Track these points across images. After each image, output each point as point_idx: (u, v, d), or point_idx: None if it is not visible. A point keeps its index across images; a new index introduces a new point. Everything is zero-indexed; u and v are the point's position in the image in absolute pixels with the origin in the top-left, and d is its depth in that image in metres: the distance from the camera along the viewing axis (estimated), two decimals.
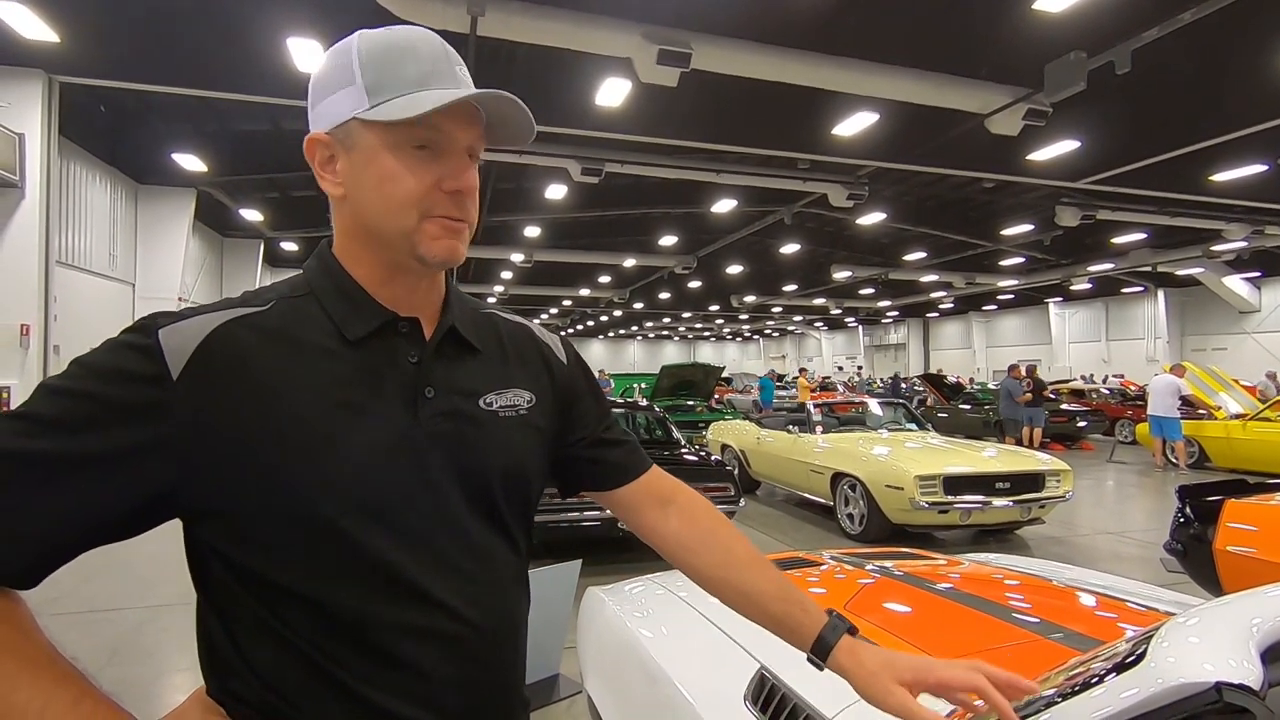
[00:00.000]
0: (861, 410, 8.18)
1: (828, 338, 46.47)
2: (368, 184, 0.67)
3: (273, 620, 0.63)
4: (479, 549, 0.70)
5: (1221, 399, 10.70)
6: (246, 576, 0.63)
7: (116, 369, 0.60)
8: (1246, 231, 17.40)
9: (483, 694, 0.69)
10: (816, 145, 11.94)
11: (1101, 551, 5.64)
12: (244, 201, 16.92)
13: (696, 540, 0.86)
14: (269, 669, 0.63)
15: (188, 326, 0.63)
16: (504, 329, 0.80)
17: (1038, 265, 23.37)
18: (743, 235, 19.08)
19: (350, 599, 0.63)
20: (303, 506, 0.62)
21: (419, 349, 0.70)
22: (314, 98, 0.69)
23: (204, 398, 0.60)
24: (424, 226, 0.67)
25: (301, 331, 0.66)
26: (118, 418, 0.58)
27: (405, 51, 0.67)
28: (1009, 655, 1.28)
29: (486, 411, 0.72)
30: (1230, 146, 11.51)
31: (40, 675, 0.57)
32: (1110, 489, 9.00)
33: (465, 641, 0.67)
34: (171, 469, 0.60)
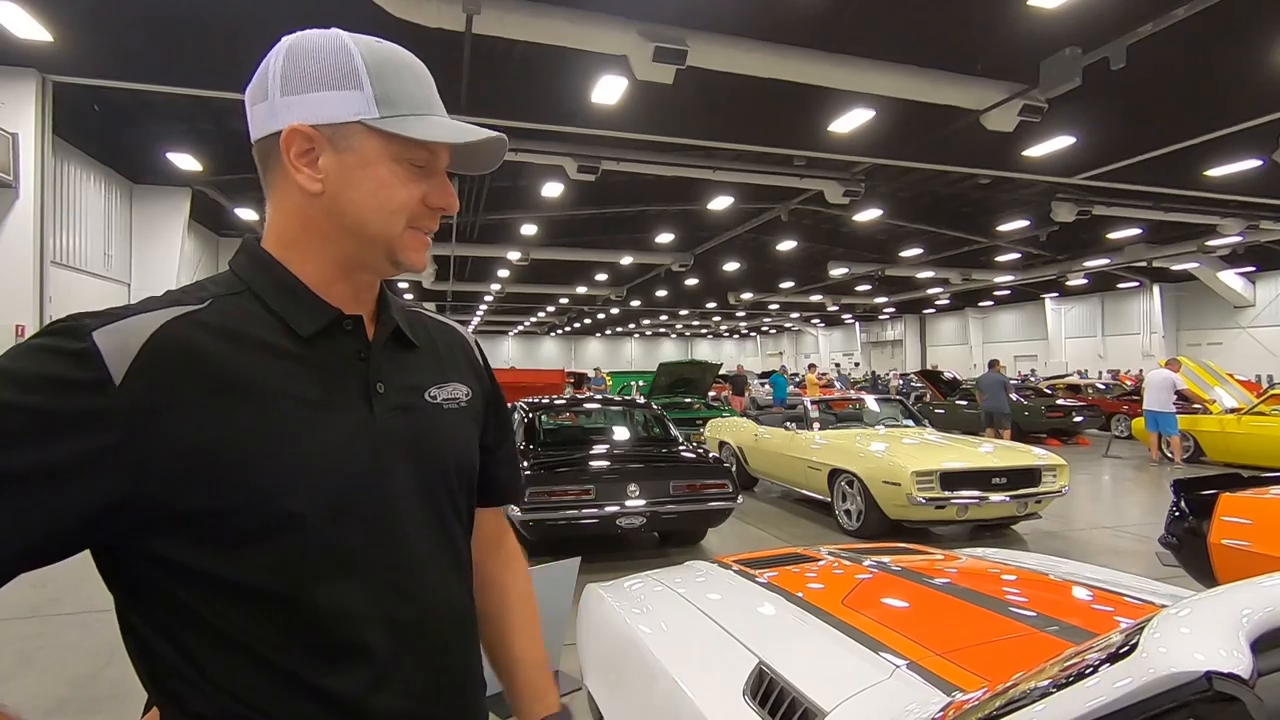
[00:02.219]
0: (859, 407, 8.20)
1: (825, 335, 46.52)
2: (363, 186, 0.67)
3: (229, 627, 0.61)
4: (436, 535, 0.72)
5: (1216, 393, 10.74)
6: (201, 584, 0.60)
7: (47, 376, 0.55)
8: (1241, 226, 17.46)
9: (444, 675, 0.71)
10: (812, 142, 11.94)
11: (1098, 546, 5.67)
12: (239, 200, 16.86)
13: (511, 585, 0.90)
14: (228, 679, 0.61)
15: (126, 327, 0.59)
16: (432, 327, 0.82)
17: (1034, 261, 23.42)
18: (739, 232, 19.08)
19: (318, 593, 0.63)
20: (270, 504, 0.61)
21: (365, 346, 0.71)
22: (286, 87, 0.66)
23: (155, 401, 0.57)
24: (406, 236, 0.69)
25: (248, 329, 0.65)
26: (54, 430, 0.54)
27: (406, 69, 0.69)
28: (1005, 649, 1.30)
29: (432, 404, 0.75)
30: (1225, 142, 11.54)
31: None
32: (1106, 484, 9.04)
33: (425, 626, 0.68)
34: (121, 480, 0.56)
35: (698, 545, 5.55)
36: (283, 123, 0.66)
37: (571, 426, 6.82)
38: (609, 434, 6.33)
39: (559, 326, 46.38)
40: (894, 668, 1.21)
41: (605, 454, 5.40)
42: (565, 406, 6.87)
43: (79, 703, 2.91)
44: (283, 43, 0.69)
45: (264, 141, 0.69)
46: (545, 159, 11.65)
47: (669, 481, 4.95)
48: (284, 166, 0.67)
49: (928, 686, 1.14)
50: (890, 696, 1.12)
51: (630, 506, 4.87)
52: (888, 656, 1.26)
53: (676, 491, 4.94)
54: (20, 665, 3.30)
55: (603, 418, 7.10)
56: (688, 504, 4.97)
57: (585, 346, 50.27)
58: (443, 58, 8.88)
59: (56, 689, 3.04)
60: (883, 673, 1.20)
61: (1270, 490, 3.12)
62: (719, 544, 5.56)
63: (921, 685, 1.15)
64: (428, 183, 0.70)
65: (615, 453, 5.49)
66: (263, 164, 0.71)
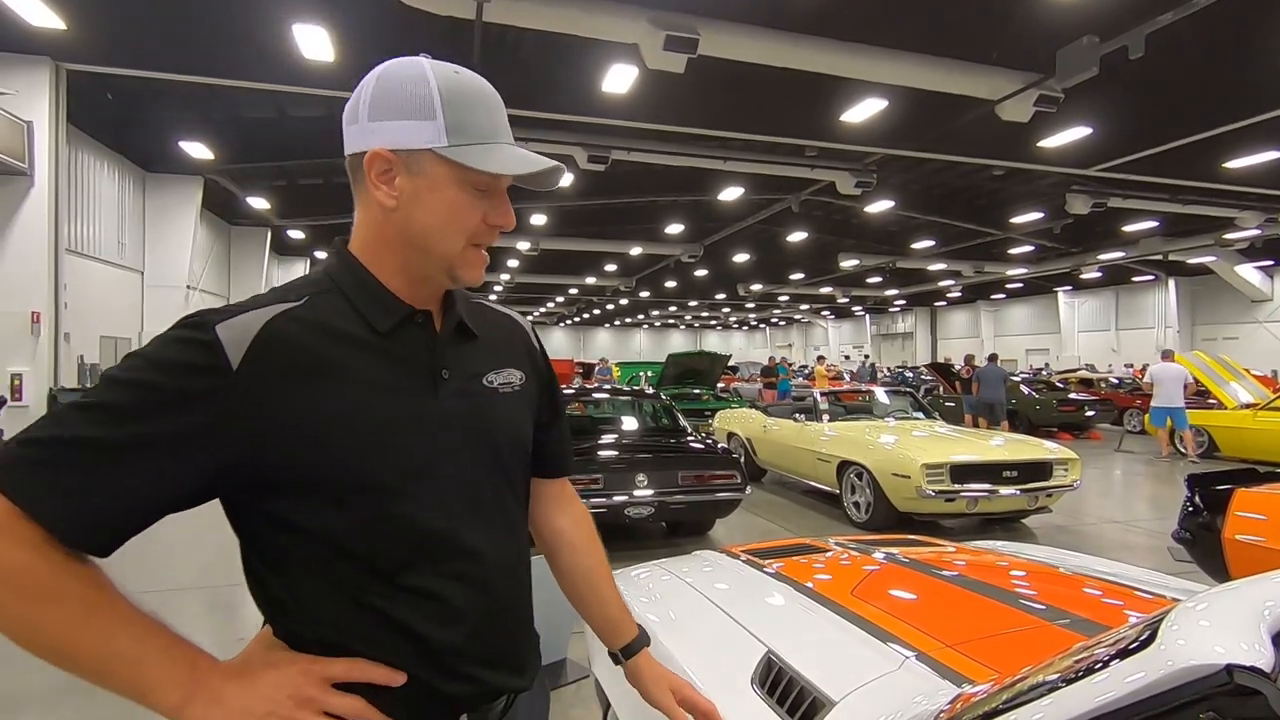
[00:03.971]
0: (868, 399, 8.16)
1: (835, 327, 46.30)
2: (431, 207, 0.77)
3: (324, 569, 0.74)
4: (491, 502, 0.83)
5: (1232, 388, 10.62)
6: (300, 534, 0.73)
7: (180, 362, 0.68)
8: (1260, 219, 17.19)
9: (501, 619, 0.83)
10: (824, 132, 11.83)
11: (1109, 540, 5.63)
12: (251, 189, 16.92)
13: (579, 542, 1.03)
14: (323, 610, 0.75)
15: (241, 322, 0.72)
16: (492, 318, 0.93)
17: (1047, 254, 23.16)
18: (750, 223, 18.98)
19: (391, 546, 0.75)
20: (352, 472, 0.73)
21: (432, 338, 0.82)
22: (373, 113, 0.76)
23: (263, 384, 0.70)
24: (467, 253, 0.80)
25: (336, 323, 0.76)
26: (184, 405, 0.67)
27: (478, 100, 0.78)
28: (1015, 641, 1.29)
29: (489, 388, 0.85)
30: (1245, 133, 11.34)
31: (133, 628, 0.67)
32: (1118, 478, 8.97)
33: (482, 575, 0.80)
34: (234, 445, 0.69)
35: (705, 536, 5.55)
36: (368, 145, 0.77)
37: (579, 416, 6.83)
38: (617, 424, 6.33)
39: (568, 317, 46.41)
40: (903, 658, 1.20)
41: (613, 444, 5.40)
42: (574, 396, 6.88)
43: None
44: (375, 71, 0.79)
45: (354, 158, 0.80)
46: (555, 148, 11.60)
47: (677, 472, 4.95)
48: (367, 181, 0.78)
49: (937, 678, 1.14)
50: (899, 687, 1.12)
51: (638, 496, 4.88)
52: (897, 647, 1.25)
53: (684, 482, 4.94)
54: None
55: (611, 408, 7.10)
56: (696, 494, 4.96)
57: (594, 337, 50.26)
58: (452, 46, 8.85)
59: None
60: (892, 663, 1.19)
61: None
62: (726, 535, 5.57)
63: (930, 676, 1.14)
64: (488, 202, 0.79)
65: (623, 443, 5.49)
66: (353, 175, 0.82)
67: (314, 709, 0.70)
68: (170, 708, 0.67)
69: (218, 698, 0.68)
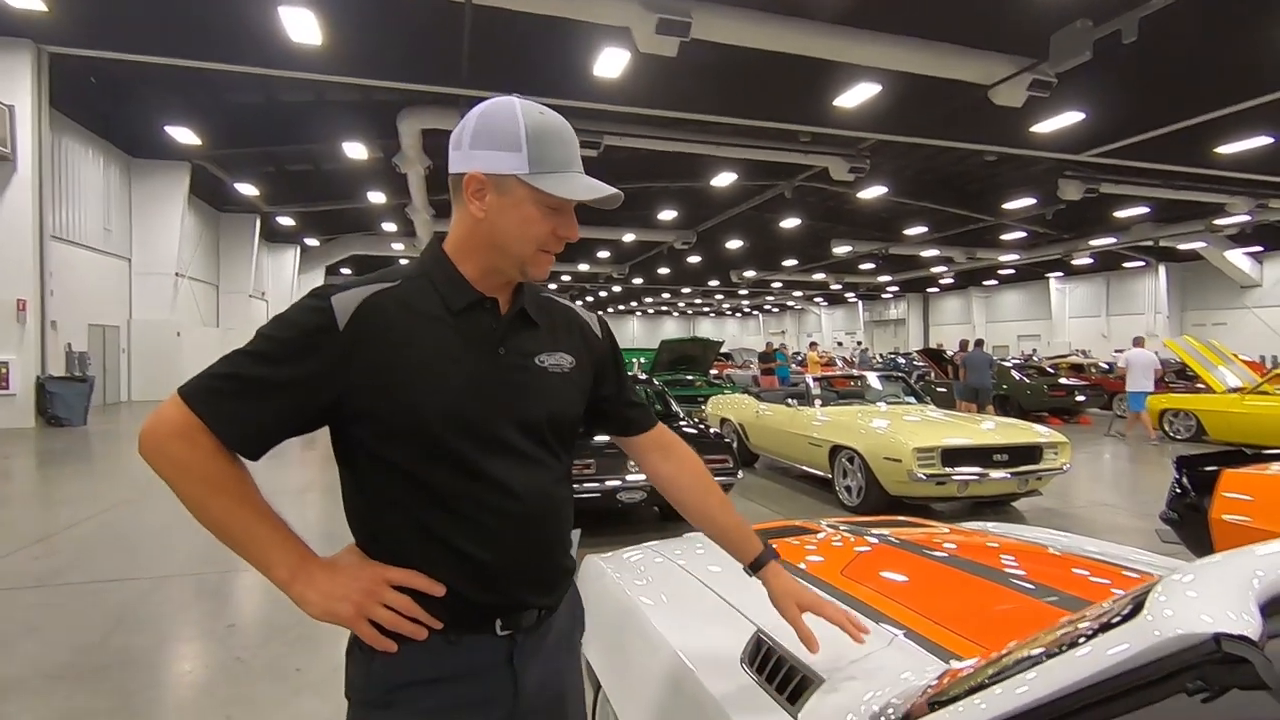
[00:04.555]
0: (860, 384, 8.19)
1: (828, 313, 46.36)
2: (512, 220, 0.96)
3: (393, 492, 0.95)
4: (529, 456, 1.01)
5: (1220, 373, 10.71)
6: (379, 462, 0.95)
7: (306, 323, 0.92)
8: (1250, 205, 17.27)
9: (531, 548, 1.01)
10: (818, 117, 11.78)
11: (1098, 523, 5.68)
12: (239, 175, 16.73)
13: (684, 482, 1.23)
14: (393, 526, 0.97)
15: (349, 295, 0.94)
16: (555, 310, 1.12)
17: (1039, 240, 23.22)
18: (743, 209, 18.93)
19: (445, 480, 0.95)
20: (419, 418, 0.93)
21: (497, 320, 1.01)
22: (474, 143, 0.96)
23: (359, 343, 0.92)
24: (537, 257, 0.99)
25: (420, 303, 0.97)
26: (309, 353, 0.91)
27: (556, 137, 0.97)
28: (1003, 618, 1.29)
29: (539, 367, 1.04)
30: (1237, 118, 11.36)
31: (267, 521, 0.94)
32: (1107, 462, 9.05)
33: (517, 513, 0.98)
34: (339, 386, 0.92)
35: None
36: (467, 168, 0.96)
37: None
38: None
39: None
40: (892, 636, 1.20)
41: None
42: None
43: (82, 669, 2.94)
44: (477, 108, 0.98)
45: (455, 177, 0.99)
46: None
47: None
48: (464, 196, 0.97)
49: (925, 654, 1.14)
50: (887, 664, 1.12)
51: (631, 481, 4.89)
52: (886, 625, 1.25)
53: None
54: (24, 633, 3.33)
55: None
56: None
57: None
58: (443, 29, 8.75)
59: (59, 655, 3.07)
60: (881, 641, 1.19)
61: (1271, 467, 3.11)
62: None
63: (919, 653, 1.15)
64: (558, 218, 0.98)
65: None
66: (454, 189, 1.00)
67: (375, 600, 0.93)
68: (280, 581, 0.93)
69: (312, 581, 0.93)
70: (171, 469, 0.90)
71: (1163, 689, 0.54)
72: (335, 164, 15.69)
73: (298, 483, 6.90)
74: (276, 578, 0.93)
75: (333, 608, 0.93)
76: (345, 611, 0.93)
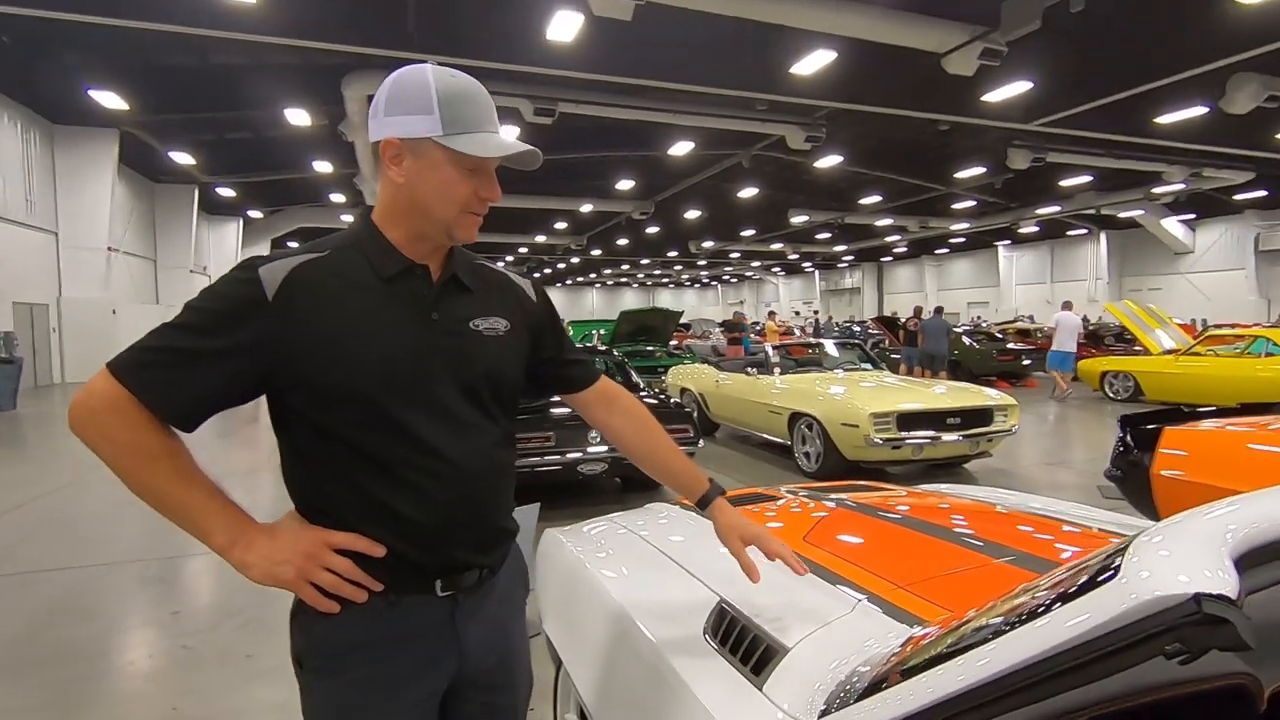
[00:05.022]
0: (818, 352, 8.28)
1: (785, 283, 46.82)
2: (431, 182, 0.97)
3: (328, 457, 0.97)
4: (465, 420, 1.03)
5: (1156, 335, 11.18)
6: (315, 429, 0.96)
7: (234, 294, 0.93)
8: (1185, 174, 17.88)
9: (469, 510, 1.03)
10: (775, 85, 11.69)
11: (1044, 481, 5.90)
12: (173, 143, 15.84)
13: (631, 430, 1.27)
14: (331, 492, 0.98)
15: (277, 266, 0.95)
16: (488, 275, 1.13)
17: (988, 209, 23.72)
18: (701, 179, 18.82)
19: (382, 445, 0.96)
20: (351, 383, 0.94)
21: (428, 287, 1.03)
22: (388, 110, 0.96)
23: (289, 314, 0.93)
24: (461, 218, 1.00)
25: (350, 272, 0.98)
26: (238, 325, 0.91)
27: (468, 98, 0.97)
28: (963, 579, 1.29)
29: (474, 331, 1.05)
30: (1176, 88, 11.67)
31: (204, 490, 0.94)
32: (1052, 423, 9.40)
33: (454, 476, 1.00)
34: (271, 357, 0.93)
35: (659, 490, 5.59)
36: (383, 134, 0.97)
37: None
38: None
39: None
40: (855, 601, 1.20)
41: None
42: None
43: (15, 663, 2.79)
44: (389, 77, 0.98)
45: (374, 145, 0.99)
46: (500, 100, 11.15)
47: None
48: (384, 163, 0.98)
49: (888, 619, 1.13)
50: (851, 630, 1.11)
51: (591, 453, 4.86)
52: (848, 590, 1.25)
53: None
54: None
55: None
56: None
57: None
58: None
59: None
60: (844, 607, 1.18)
61: (1206, 423, 3.24)
62: None
63: (882, 618, 1.14)
64: (478, 179, 0.99)
65: None
66: (375, 158, 1.00)
67: (317, 563, 0.95)
68: (219, 548, 0.93)
69: (252, 546, 0.94)
70: (103, 443, 0.91)
71: (1140, 653, 0.52)
72: (277, 131, 14.96)
73: (246, 463, 6.67)
74: (215, 544, 0.93)
75: (274, 571, 0.94)
76: (286, 574, 0.94)
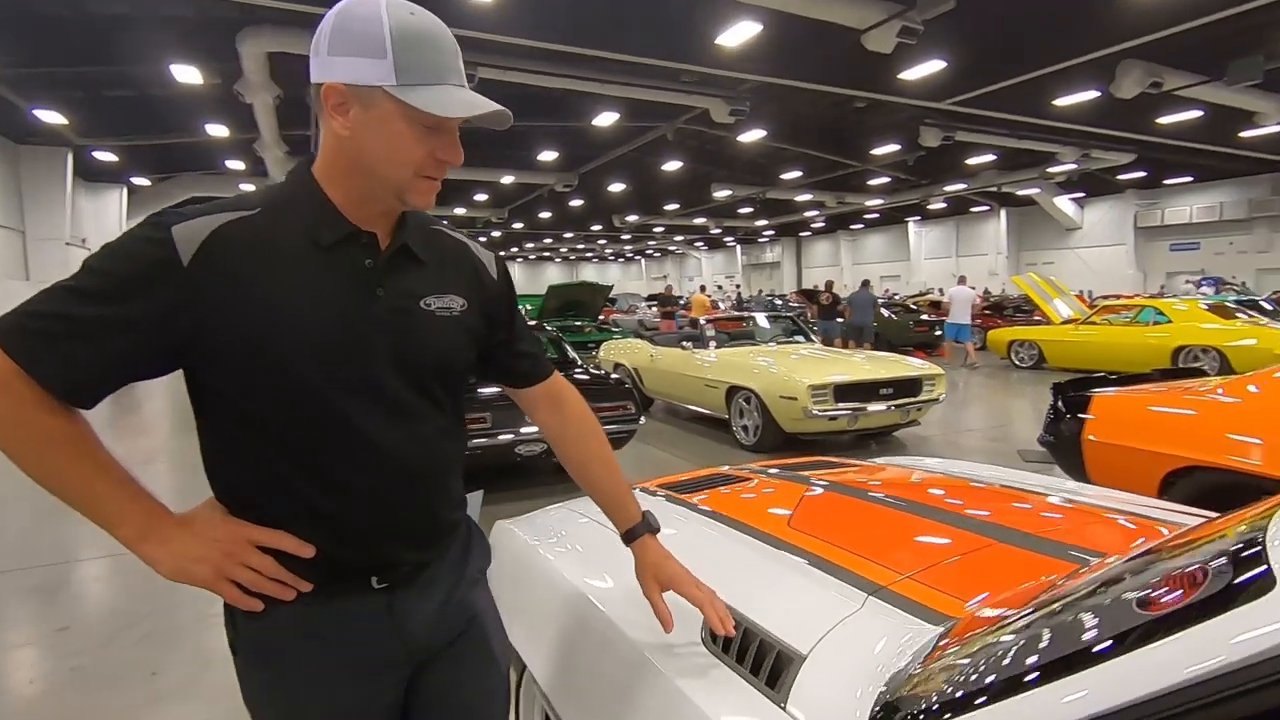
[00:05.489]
0: (750, 324, 8.32)
1: (707, 257, 47.28)
2: (380, 139, 0.82)
3: (253, 446, 0.86)
4: (409, 410, 0.91)
5: (1056, 305, 11.90)
6: (238, 413, 0.85)
7: (141, 255, 0.79)
8: (1077, 155, 19.08)
9: (408, 506, 0.93)
10: (700, 56, 11.57)
11: (968, 447, 6.15)
12: (40, 100, 14.14)
13: (570, 437, 1.15)
14: (253, 482, 0.88)
15: (195, 225, 0.80)
16: (446, 244, 0.99)
17: (900, 185, 24.59)
18: (625, 151, 18.57)
19: (312, 434, 0.85)
20: (279, 367, 0.82)
21: (374, 257, 0.89)
22: (331, 47, 0.81)
23: (207, 281, 0.79)
24: (415, 182, 0.86)
25: (282, 235, 0.84)
26: (146, 292, 0.78)
27: (428, 42, 0.82)
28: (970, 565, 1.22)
29: (425, 310, 0.92)
30: (1073, 71, 12.32)
31: (109, 475, 0.82)
32: (964, 391, 9.86)
33: (391, 471, 0.89)
34: (185, 328, 0.80)
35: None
36: (325, 78, 0.82)
37: None
38: None
39: None
40: (864, 596, 1.10)
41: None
42: None
43: None
44: (335, 8, 0.82)
45: (315, 88, 0.83)
46: None
47: None
48: (326, 110, 0.83)
49: (904, 614, 1.04)
50: (868, 630, 1.01)
51: (527, 433, 4.67)
52: (852, 584, 1.15)
53: None
54: None
55: None
56: None
57: None
58: None
59: None
60: (853, 603, 1.08)
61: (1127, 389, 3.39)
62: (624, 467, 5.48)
63: (896, 613, 1.05)
64: (437, 140, 0.84)
65: None
66: (317, 104, 0.84)
67: (236, 560, 0.85)
68: (126, 540, 0.83)
69: (164, 539, 0.84)
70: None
71: None
72: (164, 90, 13.58)
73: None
74: (122, 536, 0.83)
75: (187, 569, 0.84)
76: (201, 574, 0.85)
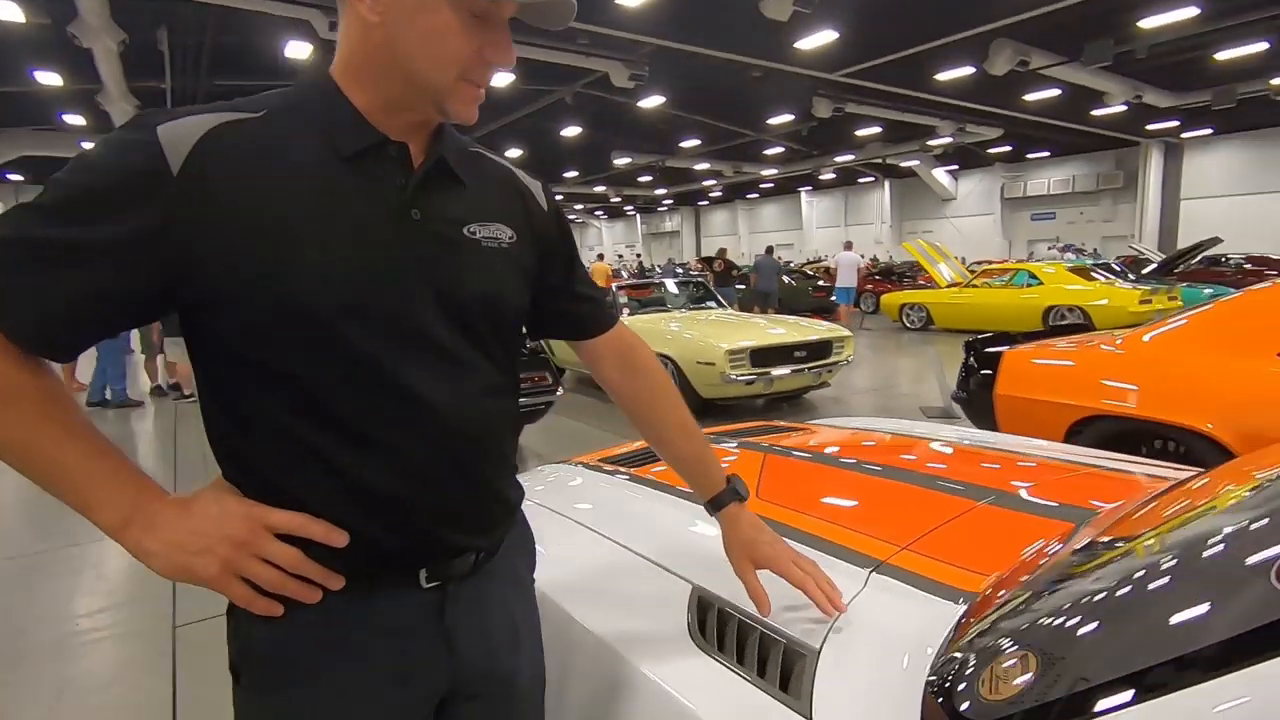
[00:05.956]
0: (661, 291, 8.26)
1: (608, 226, 47.02)
2: (417, 29, 0.68)
3: (272, 409, 0.70)
4: (455, 358, 0.75)
5: (941, 269, 12.63)
6: (247, 365, 0.69)
7: (123, 164, 0.64)
8: (953, 129, 20.26)
9: (458, 477, 0.76)
10: (599, 15, 11.22)
11: (874, 406, 6.39)
12: None
13: (647, 399, 0.99)
14: (270, 454, 0.71)
15: (184, 125, 0.65)
16: (489, 167, 0.85)
17: (793, 156, 25.28)
18: (522, 115, 17.93)
19: (340, 388, 0.70)
20: (291, 300, 0.67)
21: (407, 174, 0.73)
22: None
23: (202, 195, 0.64)
24: (458, 87, 0.71)
25: (291, 144, 0.69)
26: (129, 208, 0.62)
27: None
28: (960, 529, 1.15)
29: (470, 239, 0.77)
30: (952, 48, 12.96)
31: (83, 444, 0.66)
32: (866, 353, 10.31)
33: (440, 431, 0.74)
34: (175, 257, 0.64)
35: (553, 446, 5.23)
36: None
37: None
38: None
39: None
40: (864, 573, 1.00)
41: None
42: None
43: None
44: None
45: None
46: (285, 9, 9.51)
47: None
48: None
49: (911, 589, 0.95)
50: (877, 611, 0.91)
51: None
52: (847, 559, 1.05)
53: None
54: None
55: None
56: None
57: None
58: None
59: None
60: (854, 582, 0.98)
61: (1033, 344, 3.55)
62: (541, 441, 5.29)
63: (903, 589, 0.96)
64: (486, 34, 0.70)
65: None
66: None
67: (250, 553, 0.68)
68: (108, 526, 0.67)
69: (155, 526, 0.67)
70: None
71: None
72: None
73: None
74: (104, 522, 0.67)
75: (186, 563, 0.67)
76: (206, 569, 0.68)
